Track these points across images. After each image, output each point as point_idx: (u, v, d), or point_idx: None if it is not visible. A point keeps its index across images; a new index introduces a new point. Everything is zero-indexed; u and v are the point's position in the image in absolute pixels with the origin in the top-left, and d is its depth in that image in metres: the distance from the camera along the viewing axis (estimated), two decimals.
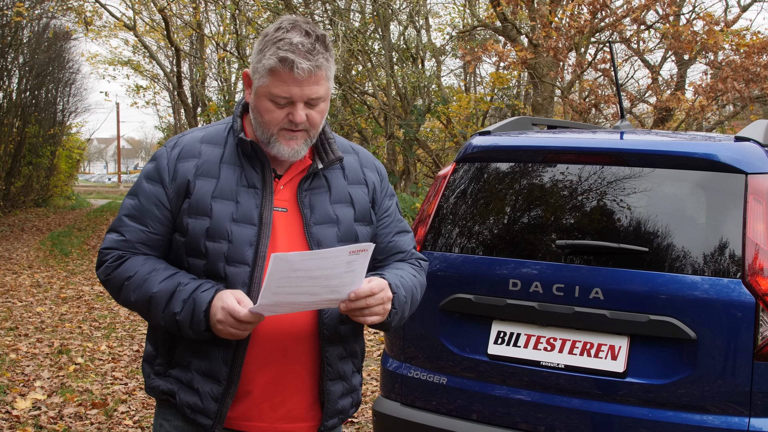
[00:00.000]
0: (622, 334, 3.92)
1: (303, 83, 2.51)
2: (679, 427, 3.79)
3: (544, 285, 4.08)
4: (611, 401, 3.92)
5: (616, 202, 4.15)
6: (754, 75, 16.43)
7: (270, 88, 2.54)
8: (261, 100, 2.58)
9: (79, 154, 42.48)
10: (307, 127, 2.59)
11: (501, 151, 4.60)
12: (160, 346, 2.71)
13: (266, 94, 2.56)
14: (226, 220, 2.56)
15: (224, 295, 2.46)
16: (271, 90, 2.54)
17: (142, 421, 6.68)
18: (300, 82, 2.51)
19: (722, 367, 3.74)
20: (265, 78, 2.54)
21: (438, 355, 4.38)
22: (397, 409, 4.50)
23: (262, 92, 2.57)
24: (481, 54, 18.61)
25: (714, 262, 3.84)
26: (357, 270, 2.40)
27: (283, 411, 2.66)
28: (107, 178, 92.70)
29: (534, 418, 4.07)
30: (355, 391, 2.81)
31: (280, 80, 2.52)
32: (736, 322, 3.71)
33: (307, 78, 2.51)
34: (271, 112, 2.57)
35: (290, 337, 2.61)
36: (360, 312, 2.50)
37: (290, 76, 2.50)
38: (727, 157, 3.96)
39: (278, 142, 2.59)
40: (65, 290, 13.53)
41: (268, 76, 2.53)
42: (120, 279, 2.61)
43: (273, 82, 2.53)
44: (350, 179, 2.77)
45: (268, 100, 2.56)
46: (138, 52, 33.07)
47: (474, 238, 4.46)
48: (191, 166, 2.62)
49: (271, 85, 2.53)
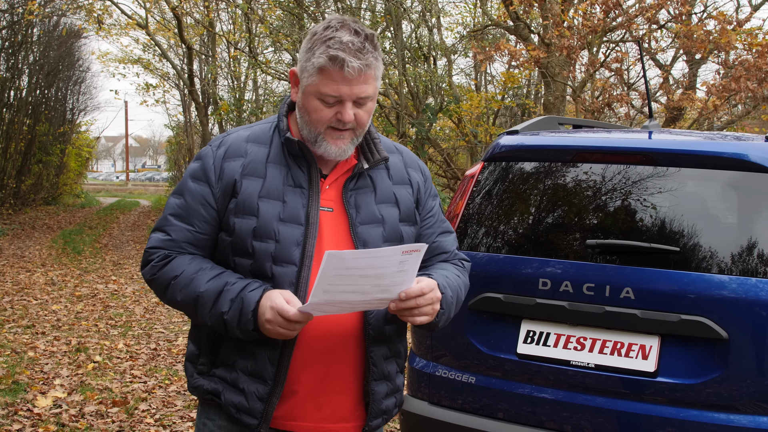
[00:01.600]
0: (654, 334, 3.93)
1: (352, 82, 2.52)
2: (708, 427, 3.79)
3: (574, 284, 4.08)
4: (640, 400, 3.92)
5: (645, 201, 4.15)
6: (766, 74, 16.40)
7: (319, 87, 2.55)
8: (309, 98, 2.58)
9: (88, 152, 42.58)
10: (354, 126, 2.60)
11: (529, 150, 4.60)
12: (203, 346, 2.72)
13: (315, 92, 2.56)
14: (273, 219, 2.57)
15: (273, 294, 2.47)
16: (320, 89, 2.55)
17: (163, 420, 6.70)
18: (350, 81, 2.52)
19: (753, 366, 3.75)
20: (314, 77, 2.55)
21: (466, 354, 4.39)
22: (425, 408, 4.51)
23: (310, 91, 2.57)
24: (494, 53, 18.61)
25: (745, 262, 3.84)
26: (408, 270, 2.41)
27: (328, 411, 2.67)
28: (115, 176, 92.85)
29: (562, 417, 4.08)
30: (399, 391, 2.82)
31: (329, 79, 2.53)
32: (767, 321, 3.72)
33: (357, 77, 2.52)
34: (319, 111, 2.57)
35: (336, 338, 2.62)
36: (410, 312, 2.51)
37: (340, 75, 2.51)
38: (758, 157, 3.97)
39: (325, 141, 2.60)
40: (80, 288, 13.57)
41: (318, 74, 2.54)
42: (166, 278, 2.62)
43: (322, 80, 2.54)
44: (395, 179, 2.78)
45: (316, 98, 2.57)
46: (148, 51, 33.11)
47: (502, 238, 4.47)
48: (238, 165, 2.63)
49: (320, 83, 2.54)
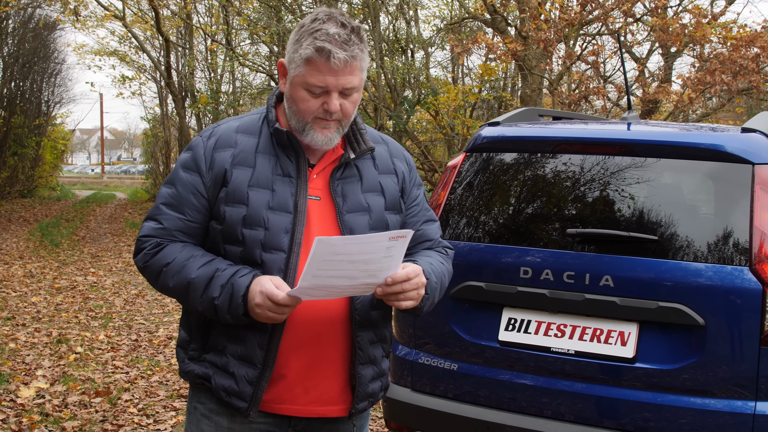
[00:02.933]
0: (632, 321, 4.01)
1: (338, 73, 2.58)
2: (685, 411, 3.88)
3: (554, 273, 4.16)
4: (618, 386, 4.01)
5: (624, 191, 4.23)
6: (741, 67, 16.55)
7: (306, 78, 2.61)
8: (296, 89, 2.64)
9: (63, 144, 42.34)
10: (340, 117, 2.66)
11: (510, 141, 4.67)
12: (194, 332, 2.77)
13: (302, 83, 2.62)
14: (262, 208, 2.63)
15: (262, 279, 2.53)
16: (307, 79, 2.61)
17: (146, 409, 6.74)
18: (335, 71, 2.58)
19: (729, 352, 3.83)
20: (301, 67, 2.61)
21: (448, 341, 4.46)
22: (408, 395, 4.58)
23: (297, 81, 2.63)
24: (471, 46, 18.68)
25: (721, 250, 3.93)
26: (395, 256, 2.48)
27: (316, 394, 2.73)
28: (90, 169, 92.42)
29: (543, 403, 4.16)
30: (385, 375, 2.88)
31: (316, 70, 2.59)
32: (743, 308, 3.81)
33: (343, 68, 2.58)
34: (306, 101, 2.63)
35: (324, 323, 2.68)
36: (395, 296, 2.58)
37: (326, 66, 2.57)
38: (735, 148, 4.05)
39: (312, 130, 2.66)
40: (59, 280, 13.55)
41: (305, 65, 2.60)
42: (158, 266, 2.67)
43: (309, 71, 2.60)
44: (381, 169, 2.84)
45: (303, 89, 2.63)
46: (125, 43, 32.97)
47: (484, 227, 4.54)
48: (228, 155, 2.68)
49: (307, 74, 2.60)
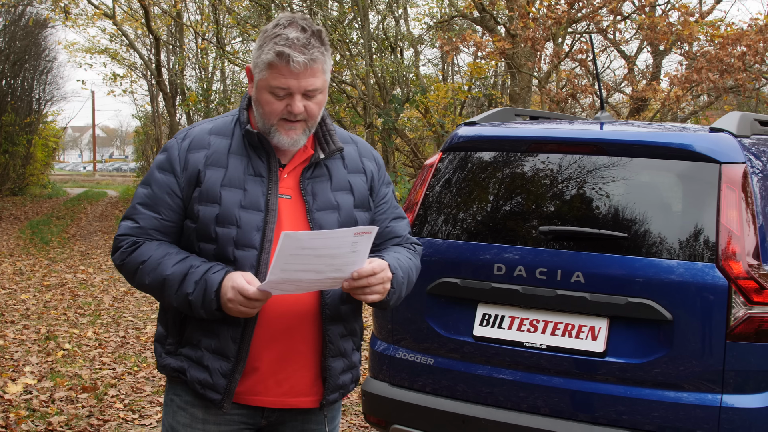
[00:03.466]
0: (602, 316, 4.11)
1: (299, 76, 2.68)
2: (655, 404, 3.99)
3: (527, 269, 4.26)
4: (591, 380, 4.11)
5: (597, 190, 4.34)
6: (728, 66, 16.66)
7: (269, 81, 2.71)
8: (261, 92, 2.75)
9: (55, 142, 42.35)
10: (305, 118, 2.76)
11: (486, 140, 4.77)
12: (170, 327, 2.87)
13: (266, 86, 2.73)
14: (234, 206, 2.73)
15: (234, 275, 2.63)
16: (270, 83, 2.71)
17: (132, 404, 6.83)
18: (297, 74, 2.68)
19: (697, 346, 3.94)
20: (264, 72, 2.71)
21: (425, 337, 4.55)
22: (385, 389, 4.68)
23: (262, 85, 2.74)
24: (459, 44, 18.78)
25: (689, 247, 4.03)
26: (360, 251, 2.58)
27: (287, 386, 2.83)
28: (82, 166, 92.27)
29: (517, 397, 4.26)
30: (355, 367, 2.98)
31: (278, 73, 2.69)
32: (710, 304, 3.91)
33: (303, 71, 2.68)
34: (270, 104, 2.74)
35: (294, 317, 2.78)
36: (362, 290, 2.68)
37: (287, 69, 2.67)
38: (703, 147, 4.16)
39: (278, 132, 2.76)
40: (48, 278, 13.63)
41: (267, 69, 2.70)
42: (135, 263, 2.77)
43: (271, 75, 2.70)
44: (350, 168, 2.94)
45: (267, 92, 2.73)
46: (115, 41, 33.01)
47: (460, 225, 4.64)
48: (201, 156, 2.78)
49: (270, 78, 2.71)
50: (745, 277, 3.88)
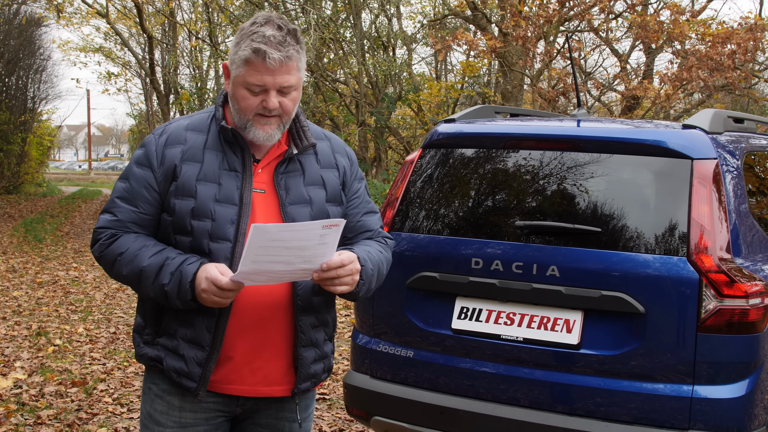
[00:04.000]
0: (577, 309, 4.20)
1: (275, 72, 2.77)
2: (630, 396, 4.07)
3: (504, 263, 4.35)
4: (566, 371, 4.20)
5: (573, 185, 4.42)
6: (718, 64, 16.75)
7: (245, 77, 2.80)
8: (238, 88, 2.83)
9: (50, 141, 42.37)
10: (280, 113, 2.84)
11: (465, 137, 4.86)
12: (148, 317, 2.95)
13: (242, 82, 2.81)
14: (209, 200, 2.81)
15: (208, 267, 2.71)
16: (246, 79, 2.80)
17: (120, 399, 6.92)
18: (272, 71, 2.77)
19: (669, 339, 4.03)
20: (241, 68, 2.80)
21: (405, 330, 4.64)
22: (367, 382, 4.76)
23: (238, 81, 2.82)
24: (451, 43, 18.87)
25: (662, 242, 4.12)
26: (329, 243, 2.66)
27: (261, 375, 2.91)
28: (78, 165, 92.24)
29: (494, 388, 4.35)
30: (327, 357, 3.06)
31: (254, 70, 2.77)
32: (682, 296, 4.00)
33: (279, 67, 2.77)
34: (246, 100, 2.82)
35: (267, 308, 2.87)
36: (331, 282, 2.76)
37: (263, 66, 2.76)
38: (675, 144, 4.25)
39: (254, 127, 2.84)
40: (41, 275, 13.70)
41: (244, 66, 2.79)
42: (113, 255, 2.85)
43: (248, 71, 2.79)
44: (323, 163, 3.02)
45: (244, 88, 2.82)
46: (110, 39, 33.06)
47: (439, 220, 4.72)
48: (177, 151, 2.86)
49: (246, 74, 2.79)
50: (716, 271, 3.97)
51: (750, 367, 4.02)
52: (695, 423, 3.98)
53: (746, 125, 4.96)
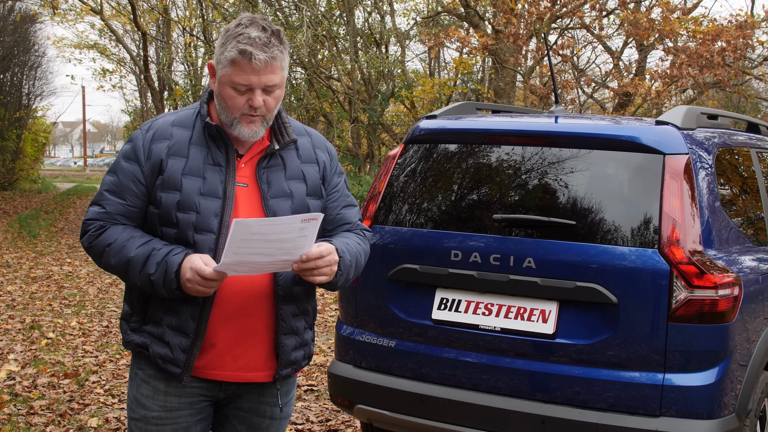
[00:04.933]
0: (552, 300, 4.34)
1: (260, 72, 2.90)
2: (604, 383, 4.22)
3: (482, 255, 4.49)
4: (543, 360, 4.34)
5: (549, 180, 4.56)
6: (708, 61, 16.88)
7: (231, 77, 2.92)
8: (224, 87, 2.96)
9: (45, 137, 42.43)
10: (263, 113, 2.97)
11: (446, 133, 5.00)
12: (135, 305, 3.08)
13: (228, 82, 2.94)
14: (194, 193, 2.94)
15: (193, 257, 2.84)
16: (232, 78, 2.92)
17: (112, 390, 7.04)
18: (257, 71, 2.89)
19: (641, 328, 4.17)
20: (227, 68, 2.92)
21: (387, 321, 4.78)
22: (350, 371, 4.90)
23: (225, 81, 2.95)
24: (444, 40, 19.00)
25: (635, 234, 4.26)
26: (308, 236, 2.80)
27: (243, 361, 3.04)
28: (73, 161, 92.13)
29: (472, 377, 4.49)
30: (307, 345, 3.20)
31: (240, 70, 2.90)
32: (653, 287, 4.14)
33: (264, 68, 2.90)
34: (233, 98, 2.95)
35: (250, 297, 3.00)
36: (310, 272, 2.90)
37: (249, 66, 2.89)
38: (648, 140, 4.39)
39: (240, 124, 2.97)
40: (35, 270, 13.82)
41: (230, 66, 2.91)
42: (101, 245, 2.98)
43: (234, 71, 2.91)
44: (303, 158, 3.15)
45: (230, 87, 2.94)
46: (104, 36, 33.14)
47: (420, 214, 4.86)
48: (164, 146, 2.99)
49: (232, 74, 2.92)
50: (686, 263, 4.12)
51: (720, 355, 4.16)
52: (667, 410, 4.12)
53: (720, 122, 5.11)
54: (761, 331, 4.55)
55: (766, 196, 5.27)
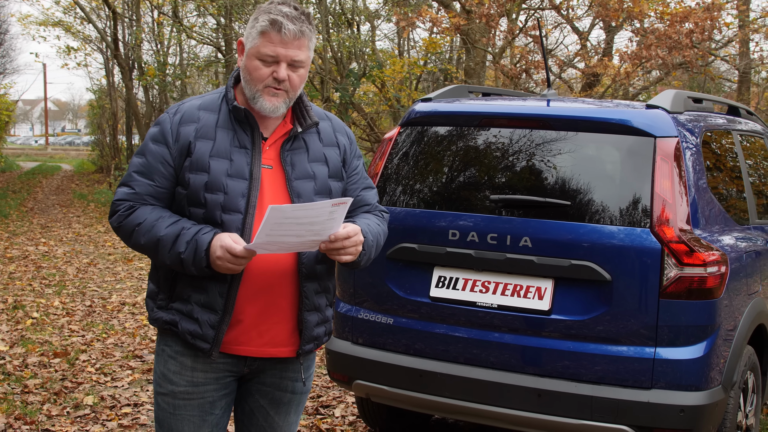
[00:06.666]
0: (548, 277, 4.51)
1: (288, 45, 3.03)
2: (598, 357, 4.40)
3: (479, 235, 4.64)
4: (539, 336, 4.51)
5: (544, 161, 4.72)
6: (676, 43, 17.09)
7: (259, 48, 3.05)
8: (251, 60, 3.08)
9: (7, 116, 41.99)
10: (287, 88, 3.09)
11: (441, 116, 5.14)
12: (162, 284, 3.20)
13: (255, 53, 3.06)
14: (222, 175, 3.06)
15: (222, 236, 2.96)
16: (260, 49, 3.05)
17: (103, 368, 7.14)
18: (285, 43, 3.02)
19: (633, 304, 4.35)
20: (256, 39, 3.05)
21: (385, 298, 4.92)
22: (348, 347, 5.04)
23: (252, 53, 3.07)
24: (416, 20, 19.08)
25: (627, 214, 4.43)
26: (337, 218, 2.94)
27: (268, 337, 3.17)
28: (34, 140, 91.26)
29: (470, 352, 4.65)
30: (328, 321, 3.33)
31: (268, 40, 3.03)
32: (645, 265, 4.32)
33: (292, 40, 3.03)
34: (258, 70, 3.07)
35: (275, 275, 3.12)
36: (336, 252, 3.03)
37: (278, 37, 3.02)
38: (640, 123, 4.56)
39: (262, 97, 3.09)
40: (10, 250, 13.82)
41: (259, 37, 3.04)
42: (131, 225, 3.09)
43: (262, 42, 3.04)
44: (325, 142, 3.28)
45: (256, 59, 3.07)
46: (70, 13, 32.83)
47: (417, 194, 5.00)
48: (191, 129, 3.11)
49: (260, 45, 3.04)
50: (677, 241, 4.29)
51: (708, 330, 4.35)
52: (657, 382, 4.31)
53: (704, 105, 5.28)
54: (744, 307, 4.74)
55: (747, 177, 5.46)
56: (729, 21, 21.40)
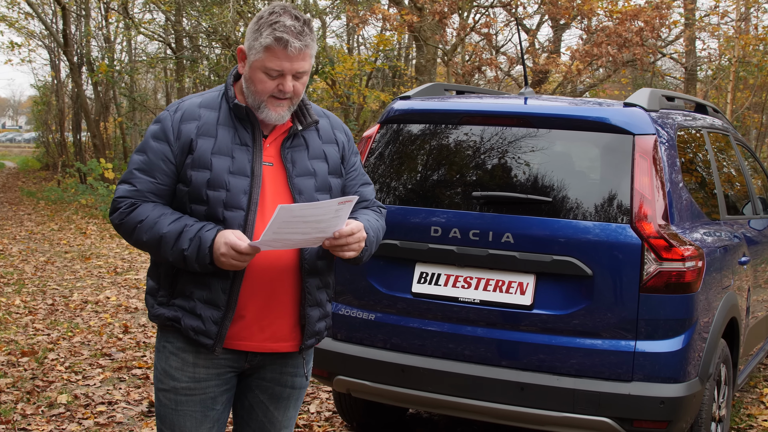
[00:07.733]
0: (530, 273, 4.57)
1: (293, 59, 3.05)
2: (579, 351, 4.47)
3: (461, 231, 4.69)
4: (521, 330, 4.56)
5: (523, 158, 4.78)
6: (626, 40, 17.34)
7: (265, 62, 3.06)
8: (255, 72, 3.10)
9: None
10: (291, 96, 3.12)
11: (420, 114, 5.18)
12: (162, 280, 3.20)
13: (261, 67, 3.08)
14: (224, 172, 3.08)
15: (226, 233, 2.98)
16: (265, 64, 3.07)
17: (73, 366, 7.09)
18: (291, 58, 3.05)
19: (614, 298, 4.43)
20: (260, 54, 3.06)
21: (367, 294, 4.95)
22: (329, 343, 5.06)
23: (257, 66, 3.09)
24: (368, 17, 19.14)
25: (607, 210, 4.51)
26: (342, 216, 2.99)
27: (269, 332, 3.19)
28: None
29: (452, 347, 4.69)
30: (328, 316, 3.36)
31: (274, 56, 3.05)
32: (626, 260, 4.40)
33: (297, 55, 3.05)
34: (263, 83, 3.09)
35: (277, 271, 3.15)
36: (340, 248, 3.07)
37: (284, 53, 3.04)
38: (618, 120, 4.64)
39: (267, 108, 3.12)
40: None
41: (264, 52, 3.05)
42: (133, 222, 3.10)
43: (267, 57, 3.05)
44: (324, 139, 3.32)
45: (262, 72, 3.09)
46: (13, 8, 32.35)
47: (398, 191, 5.04)
48: (193, 127, 3.12)
49: (265, 59, 3.06)
50: (656, 237, 4.38)
51: (686, 323, 4.44)
52: (638, 374, 4.39)
53: (677, 103, 5.39)
54: (718, 301, 4.85)
55: (717, 173, 5.59)
56: (677, 19, 21.75)
